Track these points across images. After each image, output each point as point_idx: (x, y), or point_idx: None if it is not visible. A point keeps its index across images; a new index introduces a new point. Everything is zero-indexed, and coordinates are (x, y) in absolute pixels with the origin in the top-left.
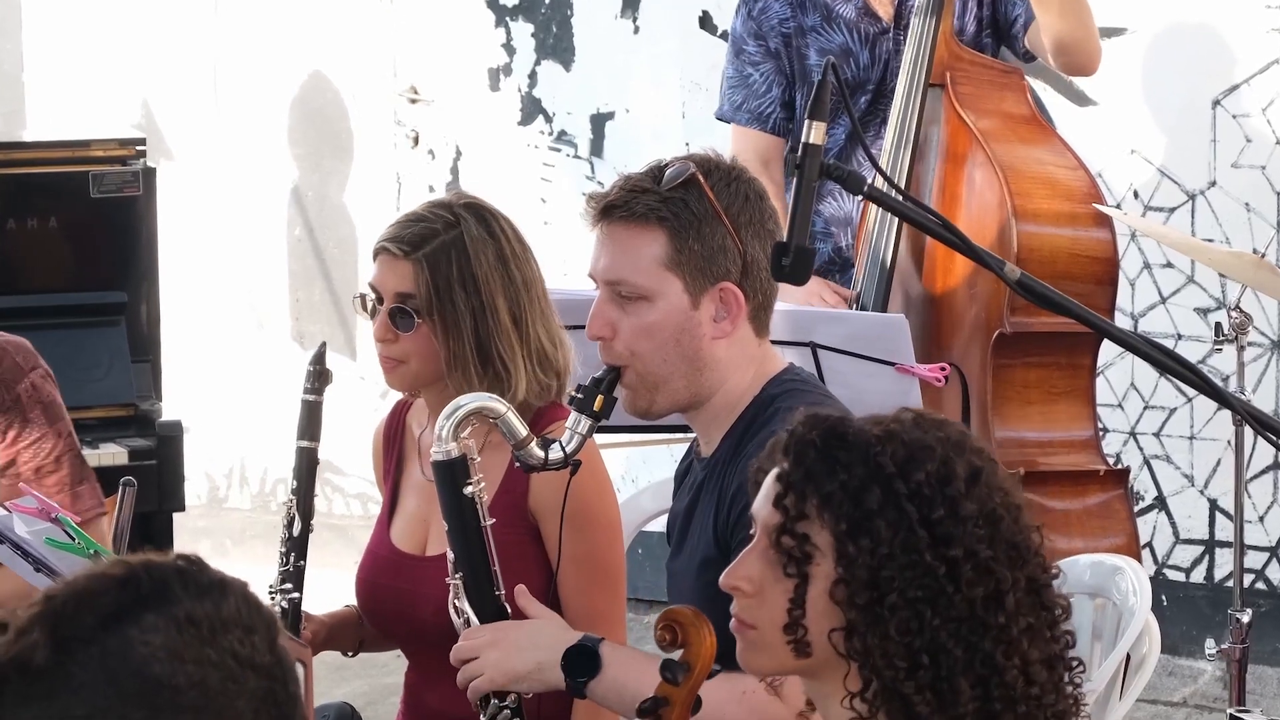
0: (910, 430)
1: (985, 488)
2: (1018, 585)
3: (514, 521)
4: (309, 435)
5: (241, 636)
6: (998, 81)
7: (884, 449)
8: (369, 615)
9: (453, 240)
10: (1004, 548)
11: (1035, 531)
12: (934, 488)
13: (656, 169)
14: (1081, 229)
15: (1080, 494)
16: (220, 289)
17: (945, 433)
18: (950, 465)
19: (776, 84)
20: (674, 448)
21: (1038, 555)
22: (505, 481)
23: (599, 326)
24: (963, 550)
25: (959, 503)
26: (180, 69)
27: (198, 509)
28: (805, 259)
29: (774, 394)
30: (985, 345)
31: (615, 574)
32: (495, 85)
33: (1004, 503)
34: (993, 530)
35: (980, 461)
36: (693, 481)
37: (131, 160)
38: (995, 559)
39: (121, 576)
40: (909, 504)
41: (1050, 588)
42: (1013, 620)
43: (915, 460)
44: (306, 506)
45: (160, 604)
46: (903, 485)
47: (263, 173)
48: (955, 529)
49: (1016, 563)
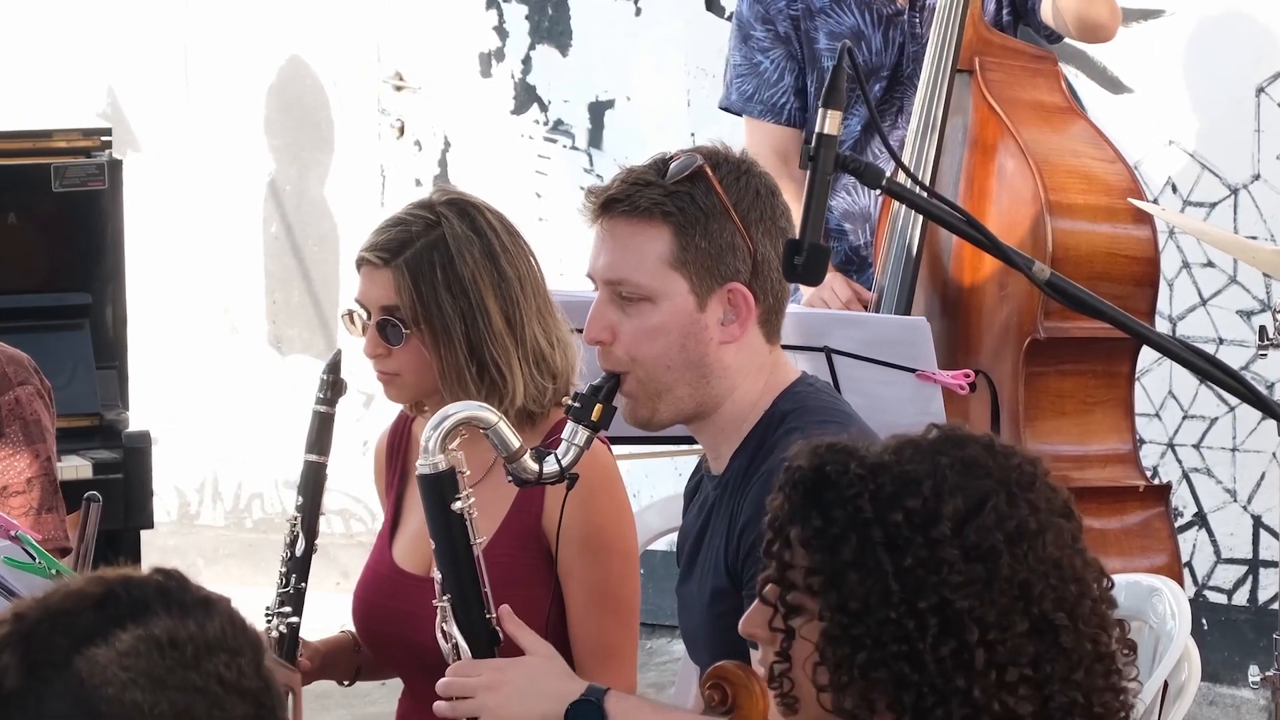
0: (910, 459)
1: (992, 518)
2: (1011, 629)
3: (527, 544)
4: (318, 449)
5: (227, 660)
6: (1029, 67)
7: (865, 489)
8: (366, 637)
9: (434, 241)
10: (1004, 589)
11: (1071, 558)
12: (914, 529)
13: (661, 161)
14: (1120, 226)
15: (1118, 512)
16: (191, 290)
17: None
18: (938, 501)
19: (788, 71)
20: (678, 461)
21: (1063, 587)
22: (519, 501)
23: (598, 329)
24: (936, 599)
25: (940, 546)
26: (149, 54)
27: (167, 526)
28: (819, 257)
29: (786, 409)
30: (1017, 351)
31: (629, 606)
32: (486, 71)
33: (1015, 533)
34: (989, 569)
35: (994, 485)
36: (703, 502)
37: (96, 152)
38: (983, 604)
39: (98, 595)
40: (884, 553)
41: (1077, 625)
42: (1005, 670)
43: (896, 499)
44: (312, 525)
45: (139, 624)
46: (879, 531)
47: (237, 165)
48: (929, 576)
49: (1020, 603)
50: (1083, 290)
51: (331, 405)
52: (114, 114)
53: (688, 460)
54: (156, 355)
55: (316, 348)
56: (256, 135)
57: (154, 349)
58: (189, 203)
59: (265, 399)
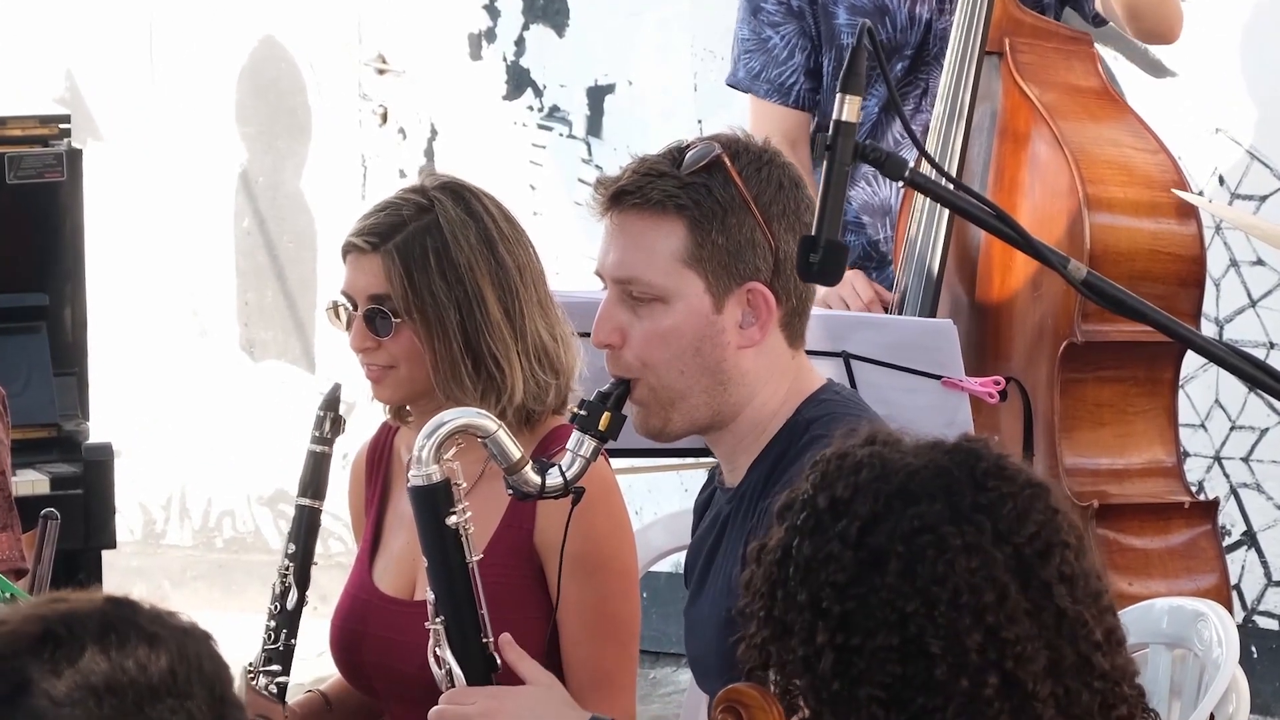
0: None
1: (905, 525)
2: (872, 639)
3: (517, 562)
4: (313, 492)
5: (174, 705)
6: (1064, 49)
7: (822, 470)
8: (346, 668)
9: (427, 225)
10: (884, 599)
11: (983, 593)
12: (833, 518)
13: (676, 150)
14: (1163, 221)
15: (1162, 531)
16: (157, 290)
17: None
18: (863, 495)
19: (799, 49)
20: (684, 475)
21: (954, 615)
22: (509, 515)
23: (606, 332)
24: (812, 595)
25: (838, 541)
26: (110, 33)
27: (131, 546)
28: (837, 255)
29: (810, 416)
30: (1052, 357)
31: (627, 629)
32: (476, 53)
33: (923, 547)
34: (879, 577)
35: (938, 494)
36: (716, 516)
37: (54, 140)
38: (860, 610)
39: (34, 634)
40: (799, 537)
41: (957, 660)
42: (856, 684)
43: (827, 484)
44: (304, 575)
45: (76, 669)
46: (809, 515)
47: (206, 155)
48: (820, 570)
49: (895, 616)
50: (1122, 290)
51: (329, 445)
52: (73, 99)
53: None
54: (119, 361)
55: (292, 352)
56: (227, 122)
57: (116, 354)
58: (154, 195)
59: (237, 408)
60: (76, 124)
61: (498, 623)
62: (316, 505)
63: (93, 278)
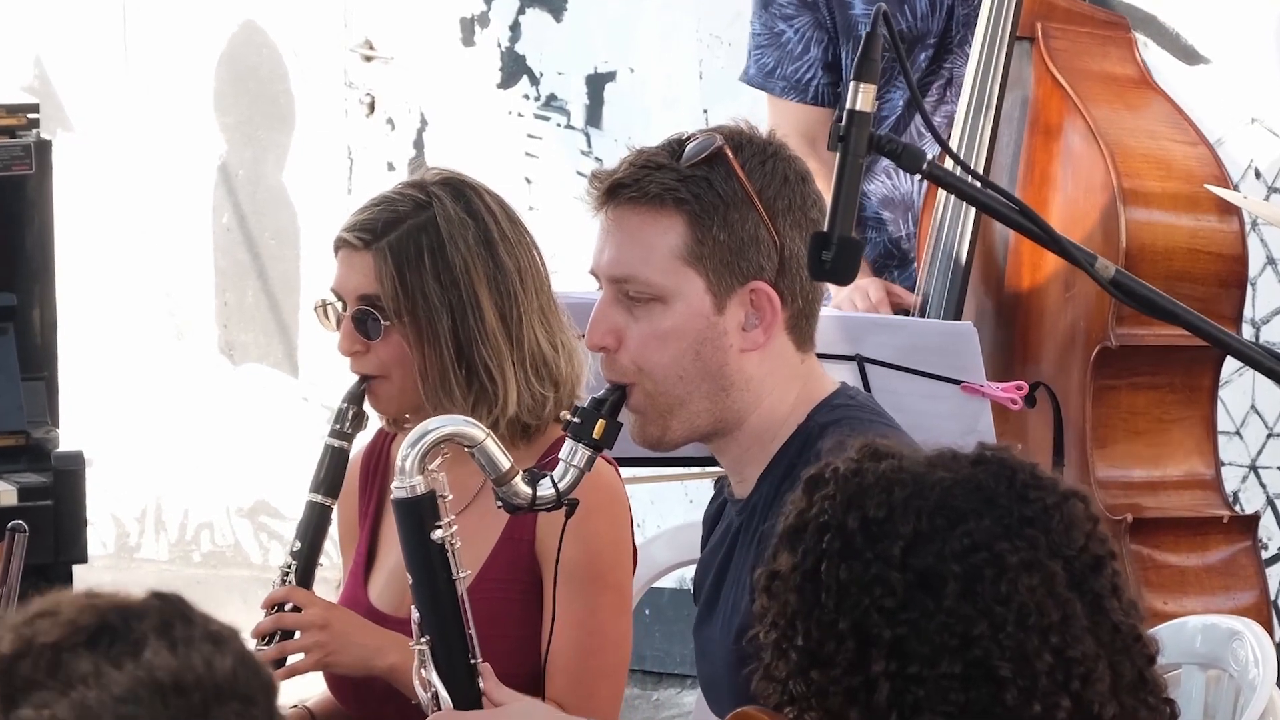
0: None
1: (958, 544)
2: (936, 667)
3: (517, 576)
4: (326, 489)
5: (239, 709)
6: (1099, 34)
7: (841, 489)
8: (339, 690)
9: (423, 223)
10: (944, 624)
11: (1051, 610)
12: (867, 540)
13: (676, 142)
14: (1203, 218)
15: (1199, 546)
16: (131, 290)
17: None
18: (902, 514)
19: (815, 41)
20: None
21: (1022, 636)
22: (509, 529)
23: (601, 334)
24: (857, 621)
25: (883, 564)
26: (82, 18)
27: (103, 560)
28: (850, 253)
29: (824, 423)
30: (1084, 362)
31: (618, 650)
32: (469, 39)
33: (980, 565)
34: (934, 600)
35: (982, 508)
36: (726, 529)
37: (21, 131)
38: (916, 637)
39: (91, 626)
40: (830, 562)
41: (1028, 683)
42: (917, 713)
43: (857, 504)
44: (307, 576)
45: (137, 663)
46: (837, 539)
47: (183, 147)
48: (862, 595)
49: (956, 642)
50: (1152, 290)
51: (348, 441)
52: (42, 88)
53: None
54: (91, 365)
55: (274, 355)
56: (205, 112)
57: (88, 358)
58: (128, 190)
59: (215, 414)
60: (45, 114)
61: (497, 641)
62: (329, 503)
63: (63, 277)
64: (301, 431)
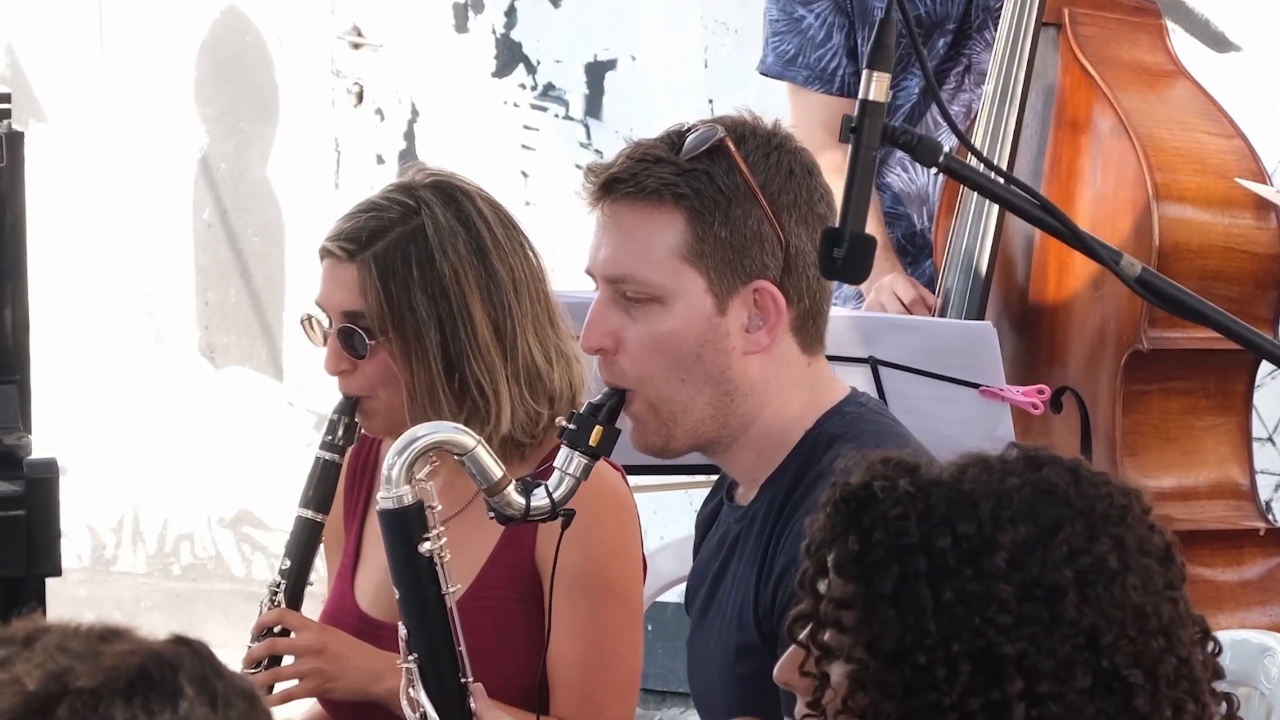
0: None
1: (1061, 551)
2: (1070, 682)
3: (515, 584)
4: (316, 504)
5: None
6: (1129, 20)
7: (913, 509)
8: (334, 711)
9: (410, 232)
10: (1066, 635)
11: (1159, 607)
12: (963, 558)
13: (676, 134)
14: (1239, 216)
15: (1234, 560)
16: (108, 289)
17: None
18: (997, 527)
19: (837, 27)
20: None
21: (1143, 639)
22: (507, 533)
23: (597, 336)
24: (974, 642)
25: (991, 580)
26: (55, 5)
27: (78, 573)
28: (863, 250)
29: (833, 430)
30: (1115, 365)
31: (626, 664)
32: (462, 25)
33: (1089, 571)
34: (1050, 611)
35: (1070, 514)
36: (724, 536)
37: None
38: (1038, 651)
39: (130, 671)
40: (925, 585)
41: (1157, 687)
42: None
43: (947, 523)
44: (297, 595)
45: (174, 715)
46: (923, 559)
47: (162, 139)
48: (972, 615)
49: (1085, 653)
50: (1179, 288)
51: (340, 454)
52: (14, 77)
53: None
54: (65, 368)
55: (257, 358)
56: (186, 102)
57: (62, 360)
58: (105, 184)
59: (196, 420)
60: (17, 104)
61: (494, 654)
62: (319, 519)
63: (35, 275)
64: (286, 438)
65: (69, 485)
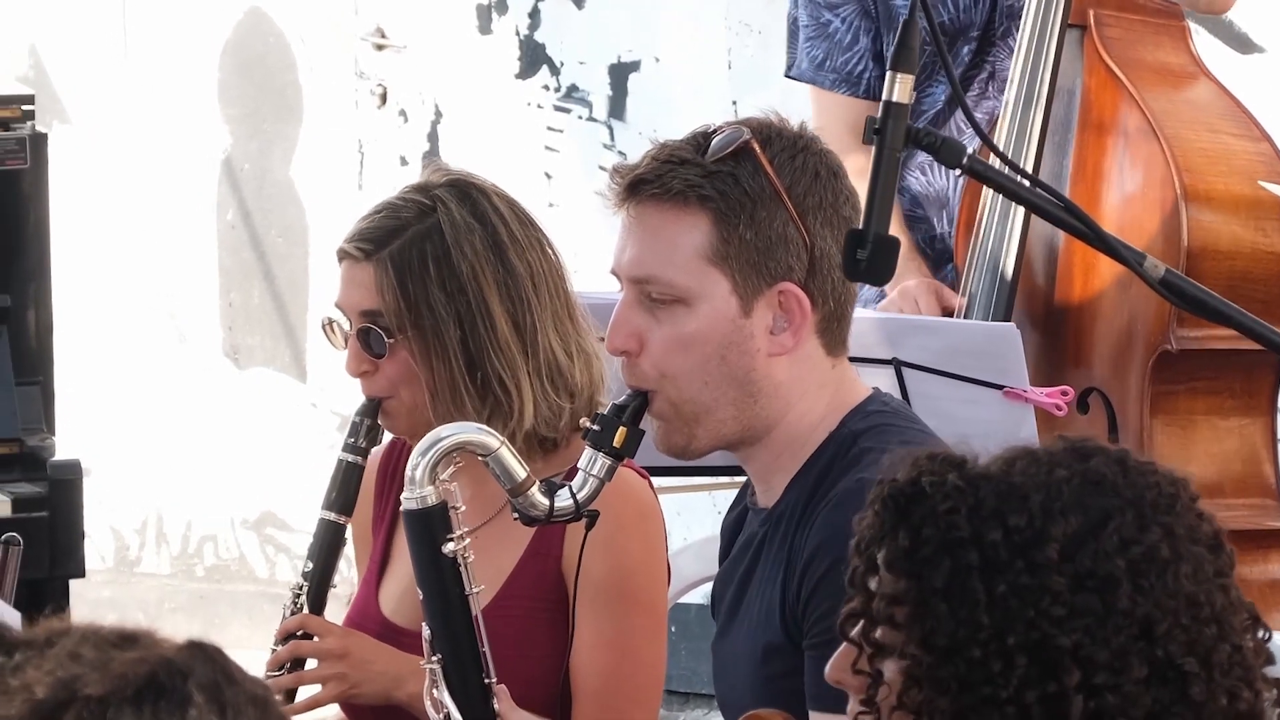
0: (1022, 471)
1: (1113, 541)
2: (1126, 673)
3: (543, 593)
4: (340, 506)
5: None
6: (1153, 22)
7: (963, 503)
8: (346, 704)
9: (426, 231)
10: (1121, 625)
11: (1211, 595)
12: (1015, 551)
13: (701, 135)
14: (1267, 218)
15: (1261, 559)
16: (131, 291)
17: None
18: (1048, 519)
19: (864, 31)
20: (717, 496)
21: (1197, 628)
22: (535, 542)
23: (622, 337)
24: (1029, 635)
25: (1044, 572)
26: (79, 6)
27: (102, 575)
28: (887, 251)
29: (858, 430)
30: (1143, 366)
31: (649, 674)
32: (486, 26)
33: (1141, 561)
34: (1104, 602)
35: (1120, 504)
36: (749, 540)
37: (16, 124)
38: (1093, 642)
39: (139, 679)
40: (978, 579)
41: (1212, 675)
42: None
43: (997, 516)
44: (320, 598)
45: None
46: (975, 553)
47: (186, 140)
48: (1026, 608)
49: (1140, 643)
50: (1203, 290)
51: (362, 456)
52: (37, 78)
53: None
54: (89, 369)
55: (281, 359)
56: (209, 104)
57: (86, 362)
58: (128, 185)
59: (219, 421)
60: (41, 105)
61: (523, 662)
62: (342, 521)
63: (59, 277)
64: (310, 439)
65: (92, 486)
